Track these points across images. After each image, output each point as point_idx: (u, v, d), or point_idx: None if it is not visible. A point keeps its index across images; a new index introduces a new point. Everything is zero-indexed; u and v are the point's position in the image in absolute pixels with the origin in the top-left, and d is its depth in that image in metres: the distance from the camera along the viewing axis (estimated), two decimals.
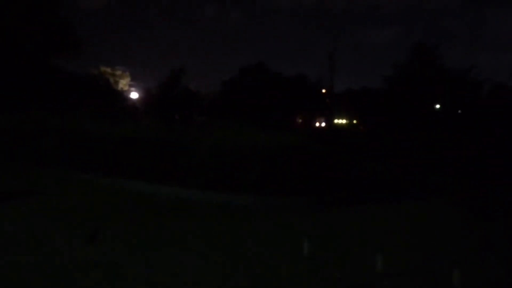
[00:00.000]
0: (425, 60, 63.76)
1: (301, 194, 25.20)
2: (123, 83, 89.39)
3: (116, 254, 15.10)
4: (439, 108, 62.17)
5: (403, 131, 47.12)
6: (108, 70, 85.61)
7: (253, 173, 25.46)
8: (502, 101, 49.37)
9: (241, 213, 22.36)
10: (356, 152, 40.00)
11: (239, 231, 19.04)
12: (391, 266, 14.75)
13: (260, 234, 18.63)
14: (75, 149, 29.78)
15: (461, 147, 38.96)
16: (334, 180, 27.33)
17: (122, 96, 79.32)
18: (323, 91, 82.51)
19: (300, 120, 79.59)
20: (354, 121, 72.02)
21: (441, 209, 24.51)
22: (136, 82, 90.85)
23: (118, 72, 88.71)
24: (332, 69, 76.11)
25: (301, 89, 72.36)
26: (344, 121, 73.73)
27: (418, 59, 64.51)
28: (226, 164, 26.01)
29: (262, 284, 13.23)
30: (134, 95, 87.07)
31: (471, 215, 23.18)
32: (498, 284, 14.16)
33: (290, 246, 16.75)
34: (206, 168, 26.11)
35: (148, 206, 22.99)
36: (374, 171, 35.61)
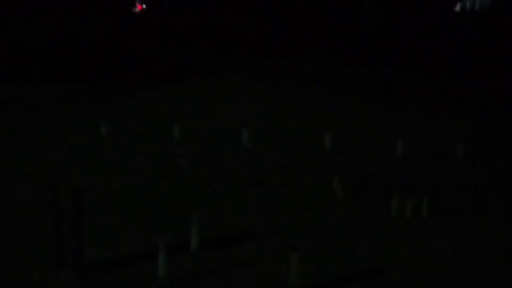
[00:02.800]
0: None
1: (94, 81, 24.74)
2: None
3: None
4: None
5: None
6: None
7: (38, 64, 24.02)
8: None
9: (35, 106, 21.17)
10: (152, 36, 39.57)
11: (35, 122, 18.33)
12: (188, 134, 15.98)
13: (60, 122, 18.27)
14: None
15: (249, 27, 41.07)
16: (130, 65, 27.26)
17: None
18: None
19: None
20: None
21: (233, 82, 26.43)
22: None
23: None
24: None
25: None
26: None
27: None
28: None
29: (68, 161, 13.62)
30: None
31: (261, 85, 25.66)
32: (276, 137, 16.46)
33: (90, 130, 16.81)
34: None
35: None
36: (172, 53, 35.89)
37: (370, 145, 15.77)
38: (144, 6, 64.85)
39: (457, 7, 40.25)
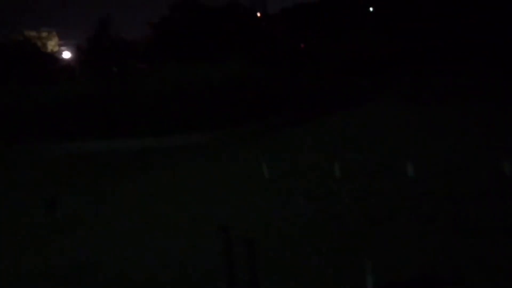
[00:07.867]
0: None
1: (250, 121, 25.64)
2: (52, 45, 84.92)
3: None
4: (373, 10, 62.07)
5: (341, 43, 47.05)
6: (34, 33, 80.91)
7: (203, 112, 25.63)
8: None
9: (203, 151, 22.45)
10: (297, 73, 40.12)
11: (208, 166, 19.36)
12: (350, 171, 15.45)
13: (223, 168, 19.06)
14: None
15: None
16: (279, 103, 27.83)
17: (53, 58, 75.63)
18: (258, 15, 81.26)
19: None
20: None
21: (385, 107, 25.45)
22: (66, 41, 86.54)
23: (44, 34, 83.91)
24: None
25: (234, 17, 70.90)
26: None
27: None
28: (172, 107, 25.98)
29: (237, 211, 13.73)
30: (66, 54, 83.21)
31: (420, 108, 24.29)
32: None
33: (252, 174, 17.23)
34: (155, 115, 25.96)
35: (112, 161, 22.92)
36: (316, 88, 36.03)
37: None
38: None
39: None
